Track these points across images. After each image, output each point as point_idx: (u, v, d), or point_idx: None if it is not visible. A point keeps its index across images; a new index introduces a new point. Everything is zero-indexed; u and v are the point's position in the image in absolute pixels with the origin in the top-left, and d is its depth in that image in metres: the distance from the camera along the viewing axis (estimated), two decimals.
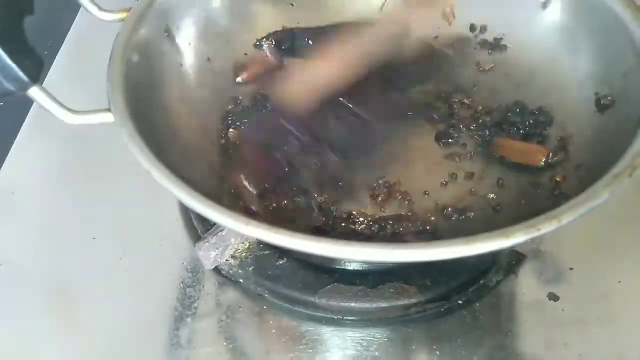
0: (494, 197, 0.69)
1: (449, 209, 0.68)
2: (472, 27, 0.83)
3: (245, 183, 0.69)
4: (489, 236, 0.49)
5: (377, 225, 0.67)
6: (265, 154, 0.72)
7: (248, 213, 0.66)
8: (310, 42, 0.82)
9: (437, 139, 0.76)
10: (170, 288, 0.71)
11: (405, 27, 0.81)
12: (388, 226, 0.67)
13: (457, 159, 0.74)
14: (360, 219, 0.68)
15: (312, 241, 0.49)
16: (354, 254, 0.49)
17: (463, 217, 0.67)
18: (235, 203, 0.67)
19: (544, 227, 0.49)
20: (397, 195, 0.70)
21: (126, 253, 0.73)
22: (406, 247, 0.49)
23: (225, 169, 0.71)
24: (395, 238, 0.66)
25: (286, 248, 0.50)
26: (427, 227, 0.67)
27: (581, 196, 0.52)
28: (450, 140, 0.76)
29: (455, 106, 0.79)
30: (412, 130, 0.77)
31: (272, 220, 0.52)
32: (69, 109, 0.57)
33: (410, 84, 0.80)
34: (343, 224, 0.68)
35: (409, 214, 0.69)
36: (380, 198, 0.70)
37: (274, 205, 0.68)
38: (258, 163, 0.72)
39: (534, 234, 0.49)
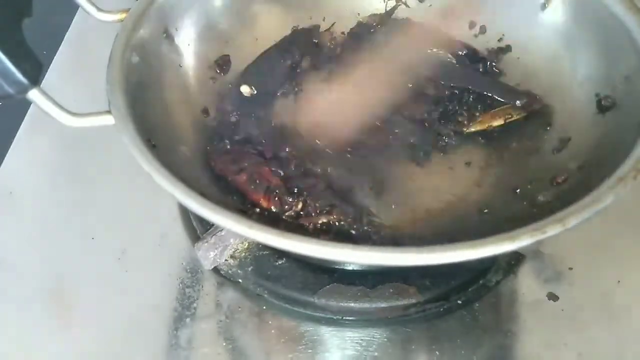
0: (495, 199, 0.69)
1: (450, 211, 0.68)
2: (472, 25, 0.83)
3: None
4: (495, 240, 0.49)
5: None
6: None
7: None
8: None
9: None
10: (169, 288, 0.70)
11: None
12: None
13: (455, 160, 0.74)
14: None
15: (318, 245, 0.49)
16: (360, 258, 0.49)
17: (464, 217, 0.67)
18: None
19: (550, 230, 0.49)
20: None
21: (125, 253, 0.73)
22: (411, 251, 0.49)
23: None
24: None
25: (290, 252, 0.50)
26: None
27: (586, 199, 0.52)
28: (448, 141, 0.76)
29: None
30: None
31: None
32: (69, 112, 0.57)
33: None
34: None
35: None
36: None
37: None
38: None
39: (539, 237, 0.49)
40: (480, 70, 0.81)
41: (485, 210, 0.67)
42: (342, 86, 0.80)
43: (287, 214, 0.65)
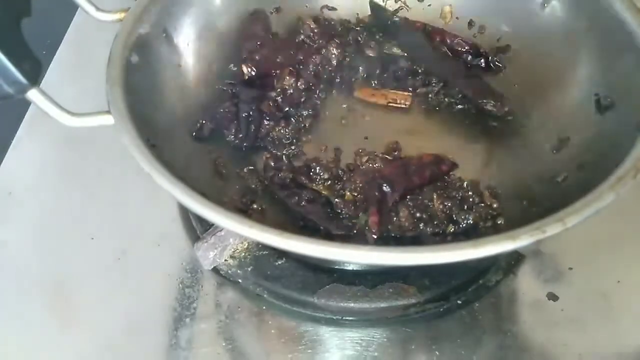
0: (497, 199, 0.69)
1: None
2: (471, 24, 0.84)
3: None
4: (495, 239, 0.49)
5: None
6: None
7: None
8: None
9: None
10: (169, 288, 0.70)
11: None
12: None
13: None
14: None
15: (318, 245, 0.49)
16: (360, 258, 0.49)
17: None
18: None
19: (550, 229, 0.50)
20: None
21: (125, 253, 0.73)
22: (411, 251, 0.49)
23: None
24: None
25: (290, 252, 0.50)
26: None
27: (586, 198, 0.52)
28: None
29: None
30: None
31: None
32: (68, 112, 0.57)
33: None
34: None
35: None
36: None
37: None
38: None
39: (539, 236, 0.49)
40: (483, 65, 0.81)
41: None
42: None
43: None
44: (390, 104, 0.80)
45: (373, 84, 0.82)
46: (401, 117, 0.80)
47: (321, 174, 0.71)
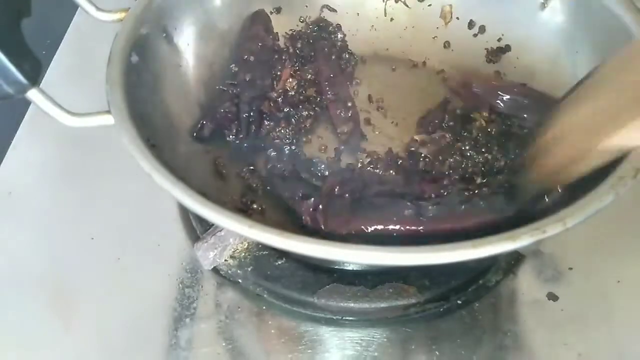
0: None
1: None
2: (471, 24, 0.84)
3: None
4: (495, 239, 0.49)
5: None
6: None
7: None
8: None
9: None
10: (169, 289, 0.70)
11: None
12: None
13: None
14: None
15: (318, 245, 0.49)
16: (360, 258, 0.49)
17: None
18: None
19: (550, 229, 0.50)
20: None
21: (125, 253, 0.73)
22: (411, 251, 0.49)
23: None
24: None
25: (290, 252, 0.50)
26: None
27: (586, 198, 0.52)
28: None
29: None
30: None
31: None
32: (69, 112, 0.57)
33: None
34: None
35: None
36: None
37: None
38: None
39: (539, 236, 0.49)
40: None
41: None
42: None
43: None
44: None
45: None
46: None
47: (322, 171, 0.71)
